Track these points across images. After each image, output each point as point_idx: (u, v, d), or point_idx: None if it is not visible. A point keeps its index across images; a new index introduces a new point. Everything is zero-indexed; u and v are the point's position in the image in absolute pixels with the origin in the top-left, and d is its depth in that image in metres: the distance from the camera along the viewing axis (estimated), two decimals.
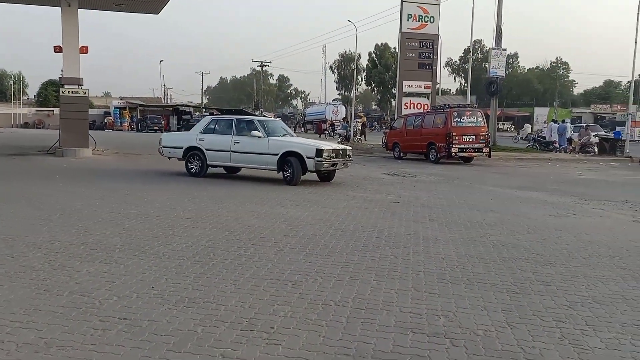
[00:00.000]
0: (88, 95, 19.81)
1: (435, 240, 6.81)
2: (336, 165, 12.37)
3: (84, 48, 19.16)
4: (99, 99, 69.96)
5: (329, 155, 12.01)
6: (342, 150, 12.75)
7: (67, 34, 18.57)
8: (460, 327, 3.93)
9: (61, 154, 17.91)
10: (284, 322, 3.91)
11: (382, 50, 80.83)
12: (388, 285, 4.89)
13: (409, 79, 27.95)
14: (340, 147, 13.18)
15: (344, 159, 12.59)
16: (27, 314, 3.93)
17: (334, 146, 12.86)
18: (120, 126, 51.56)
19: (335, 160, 12.24)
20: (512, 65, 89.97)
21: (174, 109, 58.77)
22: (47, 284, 4.65)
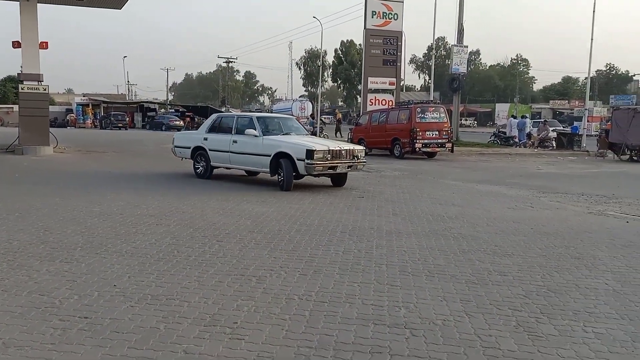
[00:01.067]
0: (48, 91, 19.27)
1: (398, 234, 6.90)
2: (336, 169, 10.61)
3: (44, 44, 18.63)
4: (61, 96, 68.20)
5: (323, 156, 10.26)
6: (346, 150, 10.85)
7: (25, 30, 18.02)
8: (420, 317, 4.00)
9: (21, 152, 17.39)
10: (248, 317, 3.91)
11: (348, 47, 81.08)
12: (351, 278, 4.93)
13: (374, 75, 28.21)
14: (346, 146, 11.28)
15: (349, 161, 10.73)
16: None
17: (334, 146, 10.81)
18: (83, 123, 50.30)
19: (334, 163, 10.46)
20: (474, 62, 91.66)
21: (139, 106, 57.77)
22: (5, 284, 4.52)
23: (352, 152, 10.87)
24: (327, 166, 10.38)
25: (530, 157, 22.61)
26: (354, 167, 10.93)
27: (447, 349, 3.46)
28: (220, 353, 3.32)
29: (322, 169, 10.39)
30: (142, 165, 13.53)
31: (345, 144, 11.99)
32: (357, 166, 10.95)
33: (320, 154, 10.18)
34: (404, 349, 3.45)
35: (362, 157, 11.08)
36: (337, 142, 12.61)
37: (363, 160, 11.17)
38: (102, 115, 51.83)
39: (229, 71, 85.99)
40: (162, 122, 48.12)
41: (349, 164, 10.72)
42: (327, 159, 10.29)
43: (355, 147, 11.35)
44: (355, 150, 11.02)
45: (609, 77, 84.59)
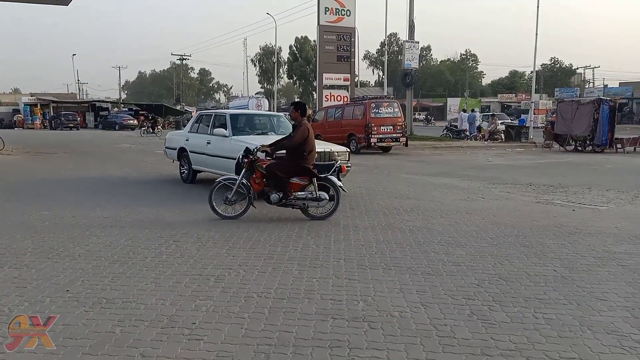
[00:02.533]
0: None
1: (355, 228, 6.94)
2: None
3: None
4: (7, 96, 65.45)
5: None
6: (324, 153, 9.09)
7: None
8: (377, 310, 4.04)
9: None
10: (206, 317, 3.86)
11: (302, 44, 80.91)
12: (310, 274, 4.93)
13: (328, 71, 28.29)
14: (326, 149, 9.38)
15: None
16: None
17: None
18: (31, 124, 48.45)
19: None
20: (426, 58, 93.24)
21: (90, 105, 56.12)
22: None
23: (330, 156, 9.08)
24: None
25: (480, 149, 23.17)
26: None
27: (404, 340, 3.51)
28: (178, 355, 3.27)
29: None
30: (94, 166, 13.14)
31: (326, 146, 9.67)
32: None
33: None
34: (362, 342, 3.48)
35: (344, 159, 9.23)
36: (321, 144, 9.80)
37: (347, 164, 9.18)
38: (51, 115, 50.02)
39: (183, 68, 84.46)
40: (115, 121, 46.91)
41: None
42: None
43: (335, 149, 9.54)
44: (334, 153, 9.24)
45: (554, 71, 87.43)
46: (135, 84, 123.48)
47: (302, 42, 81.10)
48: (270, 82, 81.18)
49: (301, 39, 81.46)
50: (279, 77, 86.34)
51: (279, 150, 7.53)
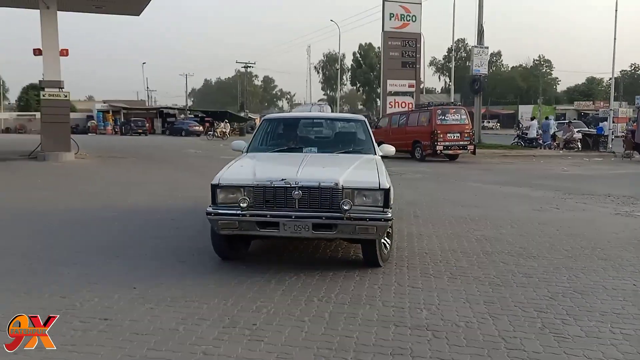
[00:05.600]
0: (69, 98, 19.59)
1: (419, 236, 6.84)
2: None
3: (64, 50, 18.94)
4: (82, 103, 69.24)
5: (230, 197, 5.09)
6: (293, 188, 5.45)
7: (46, 37, 18.35)
8: (442, 319, 3.96)
9: (43, 158, 17.69)
10: (267, 319, 3.91)
11: (367, 50, 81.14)
12: (371, 280, 4.90)
13: (392, 78, 28.13)
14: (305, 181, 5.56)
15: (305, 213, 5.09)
16: None
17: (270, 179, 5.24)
18: (103, 130, 51.03)
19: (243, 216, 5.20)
20: (496, 64, 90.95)
21: (158, 112, 58.49)
22: (29, 283, 4.60)
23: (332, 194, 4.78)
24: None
25: (555, 158, 22.28)
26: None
27: (471, 350, 3.42)
28: (239, 354, 3.33)
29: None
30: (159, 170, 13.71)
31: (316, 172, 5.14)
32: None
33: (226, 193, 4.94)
34: (425, 350, 3.42)
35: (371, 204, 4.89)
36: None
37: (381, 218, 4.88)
38: (122, 121, 52.56)
39: (247, 76, 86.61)
40: (181, 127, 48.59)
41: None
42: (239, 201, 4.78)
43: (350, 179, 4.95)
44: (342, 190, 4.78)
45: (634, 77, 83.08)
46: (201, 91, 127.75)
47: (366, 48, 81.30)
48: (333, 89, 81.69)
49: (365, 45, 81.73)
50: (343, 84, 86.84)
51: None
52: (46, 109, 18.41)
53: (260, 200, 4.82)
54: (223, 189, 4.96)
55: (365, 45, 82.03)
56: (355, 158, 5.89)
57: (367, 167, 5.49)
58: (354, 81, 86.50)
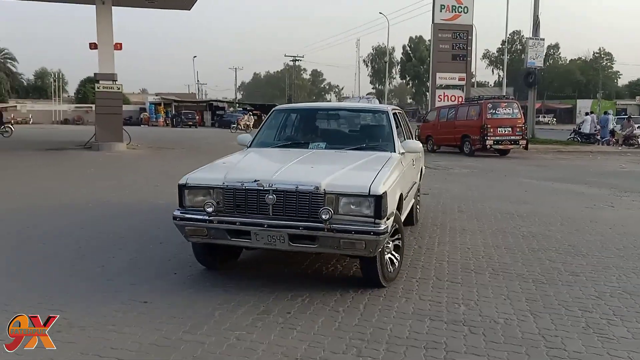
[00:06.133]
0: (122, 90, 20.26)
1: (463, 231, 6.71)
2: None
3: (118, 44, 19.57)
4: (136, 96, 71.37)
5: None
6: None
7: (101, 31, 19.01)
8: (480, 315, 3.88)
9: (97, 148, 18.38)
10: (301, 308, 3.94)
11: (417, 43, 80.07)
12: (410, 274, 4.85)
13: (442, 70, 27.63)
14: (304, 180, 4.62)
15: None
16: None
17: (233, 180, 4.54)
18: (155, 122, 52.51)
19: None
20: (553, 57, 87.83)
21: (208, 105, 59.68)
22: (78, 267, 4.79)
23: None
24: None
25: (613, 155, 21.37)
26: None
27: (508, 347, 3.33)
28: (271, 341, 3.36)
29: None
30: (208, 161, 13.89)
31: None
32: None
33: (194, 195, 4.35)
34: (460, 345, 3.35)
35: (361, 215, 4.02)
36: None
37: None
38: (173, 113, 53.95)
39: (295, 70, 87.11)
40: (230, 120, 49.33)
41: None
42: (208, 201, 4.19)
43: (335, 182, 4.09)
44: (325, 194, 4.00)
45: None
46: (250, 85, 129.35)
47: (417, 41, 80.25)
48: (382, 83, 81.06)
49: (415, 38, 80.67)
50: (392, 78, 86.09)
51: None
52: (100, 100, 19.10)
53: (231, 205, 4.14)
54: (191, 190, 4.32)
55: (416, 38, 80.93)
56: (365, 156, 4.94)
57: (369, 168, 4.49)
58: (403, 75, 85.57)
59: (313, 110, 6.52)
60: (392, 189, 4.21)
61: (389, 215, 4.09)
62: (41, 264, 4.97)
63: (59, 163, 14.69)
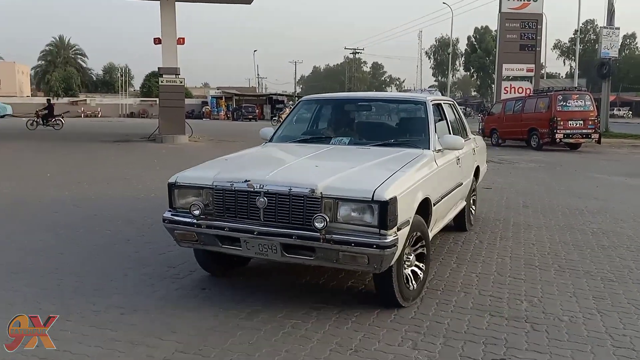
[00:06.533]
0: (184, 84, 20.88)
1: (527, 227, 6.52)
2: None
3: (181, 39, 20.19)
4: (198, 90, 73.49)
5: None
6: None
7: (165, 26, 19.66)
8: (544, 312, 3.76)
9: (160, 140, 19.05)
10: (357, 299, 3.95)
11: (482, 34, 77.96)
12: (469, 268, 4.77)
13: (509, 61, 26.89)
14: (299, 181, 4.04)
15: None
16: None
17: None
18: (217, 115, 53.85)
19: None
20: (629, 47, 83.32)
21: (268, 98, 60.52)
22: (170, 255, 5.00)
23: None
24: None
25: None
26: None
27: (572, 345, 3.22)
28: (326, 331, 3.40)
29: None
30: None
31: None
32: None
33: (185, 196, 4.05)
34: (522, 342, 3.27)
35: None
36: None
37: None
38: (234, 107, 55.16)
39: (355, 62, 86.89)
40: None
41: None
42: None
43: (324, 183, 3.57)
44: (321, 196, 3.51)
45: None
46: (310, 78, 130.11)
47: (482, 32, 78.19)
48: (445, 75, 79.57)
49: (481, 29, 78.60)
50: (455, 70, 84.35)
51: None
52: (163, 94, 19.80)
53: (220, 207, 3.75)
54: (181, 189, 3.97)
55: (481, 28, 78.79)
56: (389, 153, 4.37)
57: (385, 167, 3.88)
58: (467, 66, 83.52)
59: (341, 101, 5.88)
60: (409, 193, 3.65)
61: (401, 224, 3.48)
62: (104, 250, 5.22)
63: (126, 154, 15.33)
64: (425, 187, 3.99)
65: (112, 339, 3.26)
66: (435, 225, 4.55)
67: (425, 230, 4.00)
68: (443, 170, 4.58)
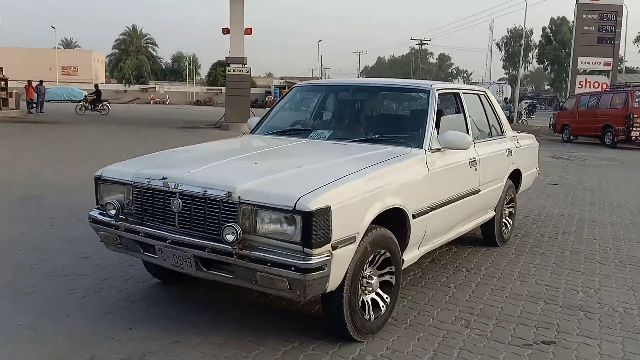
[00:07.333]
0: (250, 73, 21.53)
1: (592, 223, 6.51)
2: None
3: (248, 29, 20.82)
4: (262, 79, 74.78)
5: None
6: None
7: (234, 16, 20.33)
8: (599, 303, 3.86)
9: (226, 128, 19.78)
10: (413, 281, 4.17)
11: (558, 25, 74.97)
12: (527, 259, 4.89)
13: (585, 54, 26.01)
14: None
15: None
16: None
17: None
18: None
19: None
20: None
21: None
22: None
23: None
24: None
25: None
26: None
27: (623, 334, 3.33)
28: None
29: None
30: None
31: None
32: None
33: (109, 192, 3.53)
34: (573, 328, 3.41)
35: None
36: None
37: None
38: None
39: (421, 53, 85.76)
40: None
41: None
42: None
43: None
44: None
45: None
46: (374, 69, 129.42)
47: (558, 23, 75.21)
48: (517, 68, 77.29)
49: (557, 19, 75.60)
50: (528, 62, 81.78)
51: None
52: (230, 83, 20.52)
53: (139, 208, 3.23)
54: (106, 184, 3.47)
55: (558, 19, 75.77)
56: (365, 150, 3.69)
57: (341, 169, 3.14)
58: (541, 59, 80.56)
59: (335, 88, 5.19)
60: (359, 202, 2.93)
61: (341, 241, 2.78)
62: None
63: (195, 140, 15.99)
64: (400, 194, 3.28)
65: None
66: (431, 242, 3.89)
67: (394, 248, 3.27)
68: (441, 173, 3.79)
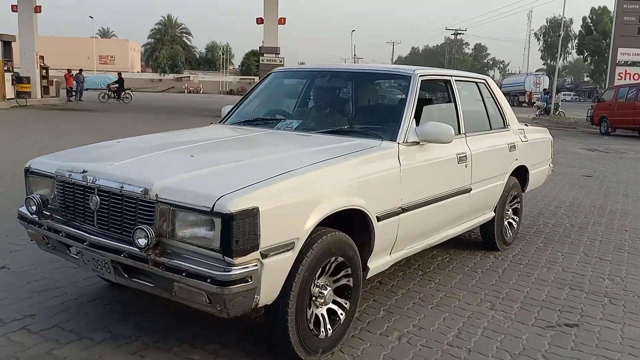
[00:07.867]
0: (284, 63, 21.73)
1: (624, 214, 6.52)
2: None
3: (282, 19, 21.03)
4: None
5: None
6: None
7: (268, 6, 20.55)
8: (624, 290, 3.95)
9: None
10: (441, 265, 4.32)
11: (599, 15, 73.06)
12: (556, 248, 4.97)
13: (625, 45, 25.42)
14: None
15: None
16: None
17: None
18: None
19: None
20: None
21: None
22: None
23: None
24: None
25: None
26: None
27: None
28: (411, 288, 3.81)
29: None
30: None
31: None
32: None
33: (38, 185, 3.16)
34: (597, 312, 3.51)
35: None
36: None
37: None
38: None
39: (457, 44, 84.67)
40: None
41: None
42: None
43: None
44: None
45: None
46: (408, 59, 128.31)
47: (599, 12, 73.28)
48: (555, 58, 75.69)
49: (598, 9, 73.67)
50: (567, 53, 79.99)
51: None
52: (263, 72, 20.67)
53: (62, 204, 2.90)
54: (34, 177, 3.11)
55: (599, 9, 73.84)
56: (327, 143, 3.29)
57: (287, 164, 2.76)
58: (580, 50, 78.70)
59: (311, 74, 4.69)
60: (298, 204, 2.54)
61: (276, 248, 2.40)
62: None
63: None
64: (359, 193, 2.88)
65: None
66: (407, 247, 3.51)
67: (351, 254, 2.86)
68: (419, 170, 3.38)
